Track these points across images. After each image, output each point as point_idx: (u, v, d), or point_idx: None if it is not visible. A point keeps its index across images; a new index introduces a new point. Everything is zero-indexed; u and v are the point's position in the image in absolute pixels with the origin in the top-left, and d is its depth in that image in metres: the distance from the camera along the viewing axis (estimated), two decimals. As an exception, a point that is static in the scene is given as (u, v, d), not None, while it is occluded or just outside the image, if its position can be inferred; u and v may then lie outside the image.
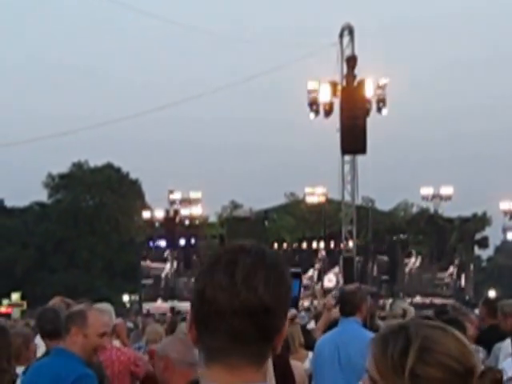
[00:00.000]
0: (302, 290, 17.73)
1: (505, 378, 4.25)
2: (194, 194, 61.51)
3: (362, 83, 34.55)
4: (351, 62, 35.13)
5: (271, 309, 1.81)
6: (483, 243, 67.38)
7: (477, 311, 8.06)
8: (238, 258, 1.84)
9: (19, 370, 5.71)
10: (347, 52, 35.79)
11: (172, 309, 39.69)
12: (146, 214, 64.78)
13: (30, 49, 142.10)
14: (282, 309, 1.84)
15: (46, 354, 5.85)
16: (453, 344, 2.11)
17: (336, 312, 10.38)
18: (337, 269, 50.45)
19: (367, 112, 34.53)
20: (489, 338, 7.55)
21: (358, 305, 6.72)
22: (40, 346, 8.16)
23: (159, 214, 62.25)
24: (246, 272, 1.81)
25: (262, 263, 1.84)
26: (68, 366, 4.88)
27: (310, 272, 56.88)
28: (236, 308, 1.79)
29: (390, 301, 30.97)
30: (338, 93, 34.70)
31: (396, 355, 2.10)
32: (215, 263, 1.85)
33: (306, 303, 36.98)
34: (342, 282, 36.88)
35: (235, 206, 64.11)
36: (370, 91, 34.84)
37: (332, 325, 9.07)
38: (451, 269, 64.28)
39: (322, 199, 57.73)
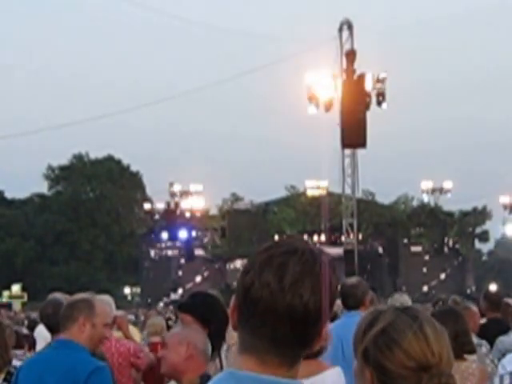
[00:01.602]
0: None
1: (503, 372, 4.27)
2: (194, 187, 61.45)
3: (361, 77, 34.49)
4: (350, 56, 35.07)
5: (313, 317, 1.83)
6: (483, 237, 67.40)
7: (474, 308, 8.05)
8: (289, 262, 1.84)
9: (17, 362, 5.67)
10: (346, 46, 35.75)
11: (173, 302, 39.69)
12: (146, 207, 64.77)
13: (28, 42, 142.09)
14: (324, 317, 1.86)
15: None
16: (413, 337, 2.12)
17: (336, 305, 10.43)
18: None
19: (367, 106, 34.48)
20: (491, 332, 7.57)
21: (361, 298, 6.69)
22: (39, 337, 8.20)
23: (160, 206, 62.20)
24: (295, 278, 1.82)
25: (311, 271, 1.84)
26: (80, 359, 4.60)
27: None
28: (279, 312, 1.81)
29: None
30: (338, 87, 34.67)
31: (360, 332, 2.21)
32: (266, 263, 1.85)
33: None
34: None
35: (236, 198, 64.06)
36: (369, 85, 34.78)
37: (331, 318, 9.10)
38: (452, 262, 64.31)
39: (323, 192, 57.70)
